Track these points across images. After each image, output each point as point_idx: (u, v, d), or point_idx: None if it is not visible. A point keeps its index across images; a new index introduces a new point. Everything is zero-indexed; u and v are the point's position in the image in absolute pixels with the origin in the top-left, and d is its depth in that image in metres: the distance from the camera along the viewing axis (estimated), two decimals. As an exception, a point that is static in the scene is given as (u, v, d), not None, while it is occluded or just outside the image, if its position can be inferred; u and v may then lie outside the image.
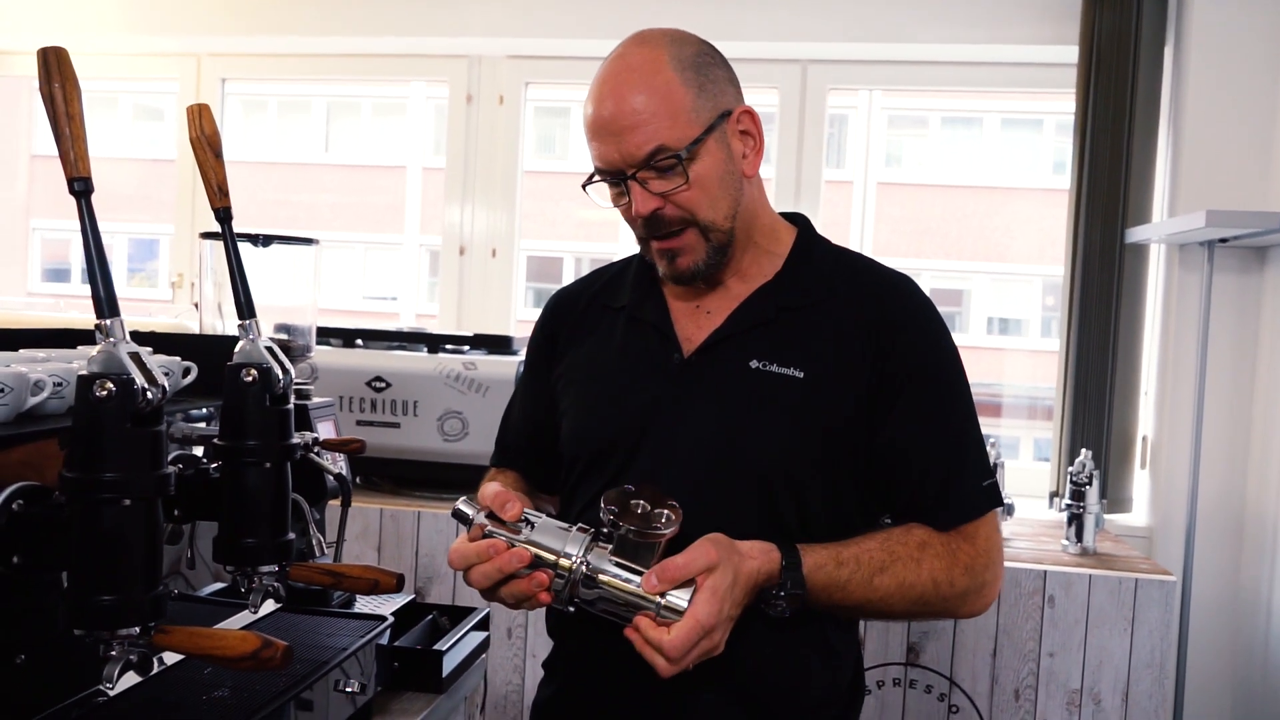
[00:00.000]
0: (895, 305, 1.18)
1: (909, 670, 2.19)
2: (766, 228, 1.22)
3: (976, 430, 1.18)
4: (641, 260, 1.27)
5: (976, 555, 1.13)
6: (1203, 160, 2.59)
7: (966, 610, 1.15)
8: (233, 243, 1.07)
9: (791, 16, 2.82)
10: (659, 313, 1.22)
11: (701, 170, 1.12)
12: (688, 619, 0.99)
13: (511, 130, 3.10)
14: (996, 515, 1.18)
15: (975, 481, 1.15)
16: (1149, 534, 2.64)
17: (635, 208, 1.13)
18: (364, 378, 2.39)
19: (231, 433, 1.06)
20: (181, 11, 3.14)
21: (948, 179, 5.88)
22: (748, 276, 1.21)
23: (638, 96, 1.11)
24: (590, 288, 1.30)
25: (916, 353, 1.16)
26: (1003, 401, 3.55)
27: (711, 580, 1.00)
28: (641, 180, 1.12)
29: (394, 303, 6.03)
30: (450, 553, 1.09)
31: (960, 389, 1.18)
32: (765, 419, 1.12)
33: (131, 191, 4.48)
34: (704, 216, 1.14)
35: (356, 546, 2.34)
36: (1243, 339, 2.59)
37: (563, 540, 1.03)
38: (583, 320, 1.27)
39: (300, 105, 7.21)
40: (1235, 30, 2.56)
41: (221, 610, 1.26)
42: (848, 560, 1.08)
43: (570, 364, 1.26)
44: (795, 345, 1.15)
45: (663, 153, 1.10)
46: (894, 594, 1.10)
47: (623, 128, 1.11)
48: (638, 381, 1.19)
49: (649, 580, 1.00)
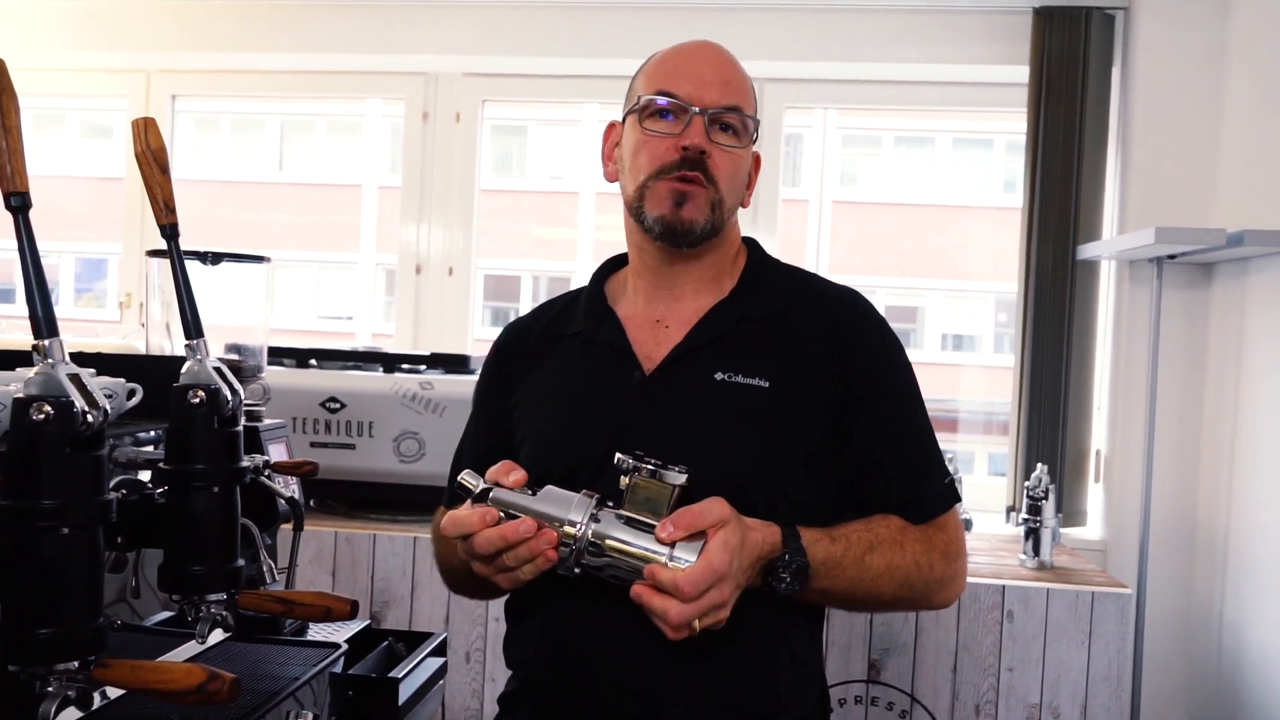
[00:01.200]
0: (850, 318, 1.22)
1: (870, 688, 2.19)
2: (733, 252, 1.27)
3: (932, 431, 1.24)
4: (593, 287, 1.28)
5: (950, 541, 1.18)
6: (1151, 178, 2.64)
7: (941, 599, 1.18)
8: (179, 260, 1.04)
9: (747, 35, 2.84)
10: (615, 333, 1.22)
11: (744, 154, 1.21)
12: (701, 562, 0.99)
13: (468, 148, 3.08)
14: (957, 510, 1.23)
15: (939, 478, 1.21)
16: (1104, 547, 2.67)
17: (690, 138, 1.16)
18: (318, 398, 2.35)
19: (178, 456, 1.02)
20: (130, 27, 3.08)
21: (902, 198, 5.95)
22: (706, 291, 1.22)
23: (731, 68, 1.21)
24: (541, 319, 1.30)
25: (876, 364, 1.20)
26: (959, 417, 3.59)
27: (723, 533, 1.01)
28: (707, 124, 1.16)
29: (350, 322, 5.96)
30: (446, 519, 1.06)
31: (917, 394, 1.23)
32: (736, 430, 1.13)
33: (80, 210, 4.38)
34: (724, 188, 1.18)
35: (310, 571, 2.29)
36: (1191, 354, 2.64)
37: (567, 506, 1.02)
38: (536, 351, 1.27)
39: (254, 123, 7.13)
40: (1181, 51, 2.62)
41: (169, 640, 1.22)
42: (839, 538, 1.11)
43: (526, 393, 1.24)
44: (757, 356, 1.17)
45: (741, 112, 1.18)
46: (883, 574, 1.12)
47: (712, 79, 1.18)
48: (599, 402, 1.18)
49: (664, 528, 1.00)
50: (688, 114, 1.16)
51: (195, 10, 3.04)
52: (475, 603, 2.24)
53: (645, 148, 1.19)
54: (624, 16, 2.89)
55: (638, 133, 1.20)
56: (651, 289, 1.24)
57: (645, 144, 1.19)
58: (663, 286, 1.23)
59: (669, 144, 1.17)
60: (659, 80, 1.19)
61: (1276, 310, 2.30)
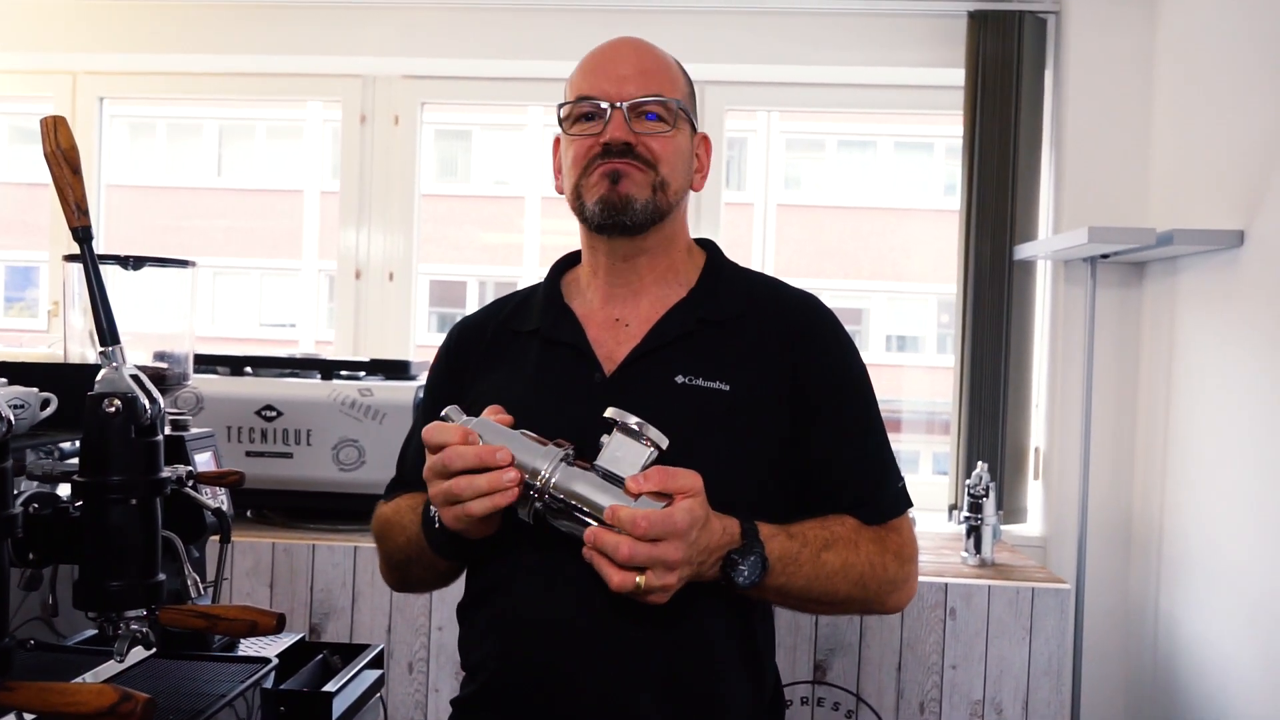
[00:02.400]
0: (808, 322, 1.23)
1: (816, 688, 2.19)
2: (685, 245, 1.27)
3: (886, 436, 1.25)
4: (549, 283, 1.27)
5: (904, 544, 1.19)
6: (1084, 179, 2.69)
7: (892, 602, 1.19)
8: (93, 264, 1.00)
9: (687, 37, 2.84)
10: (574, 333, 1.21)
11: (677, 139, 1.20)
12: (663, 510, 0.98)
13: (408, 151, 3.04)
14: (910, 515, 1.24)
15: (894, 485, 1.22)
16: (1044, 544, 2.71)
17: (609, 133, 1.16)
18: (254, 406, 2.29)
19: (93, 467, 0.98)
20: (54, 27, 2.99)
21: (845, 201, 6.01)
22: (664, 284, 1.23)
23: (649, 58, 1.21)
24: (496, 315, 1.29)
25: (834, 368, 1.21)
26: (902, 417, 3.62)
27: (690, 501, 1.00)
28: (626, 116, 1.17)
29: (293, 329, 5.86)
30: (428, 426, 1.05)
31: (872, 399, 1.24)
32: (696, 433, 1.12)
33: (9, 216, 4.25)
34: (664, 170, 1.18)
35: (247, 583, 2.23)
36: (1125, 351, 2.69)
37: (538, 450, 1.02)
38: (491, 349, 1.25)
39: (191, 128, 6.99)
40: (1111, 53, 2.67)
41: (90, 660, 1.18)
42: (796, 534, 1.11)
43: (481, 393, 1.21)
44: (717, 359, 1.17)
45: (658, 98, 1.18)
46: (838, 572, 1.12)
47: (628, 73, 1.19)
48: (558, 403, 1.17)
49: (634, 481, 0.99)
50: (606, 112, 1.17)
51: (122, 10, 2.96)
52: (418, 611, 2.21)
53: (572, 151, 1.20)
54: (562, 19, 2.87)
55: (566, 140, 1.22)
56: (608, 288, 1.23)
57: (572, 147, 1.20)
58: (619, 284, 1.22)
59: (591, 142, 1.18)
60: (576, 85, 1.21)
61: (1205, 308, 2.35)
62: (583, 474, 1.02)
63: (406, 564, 1.23)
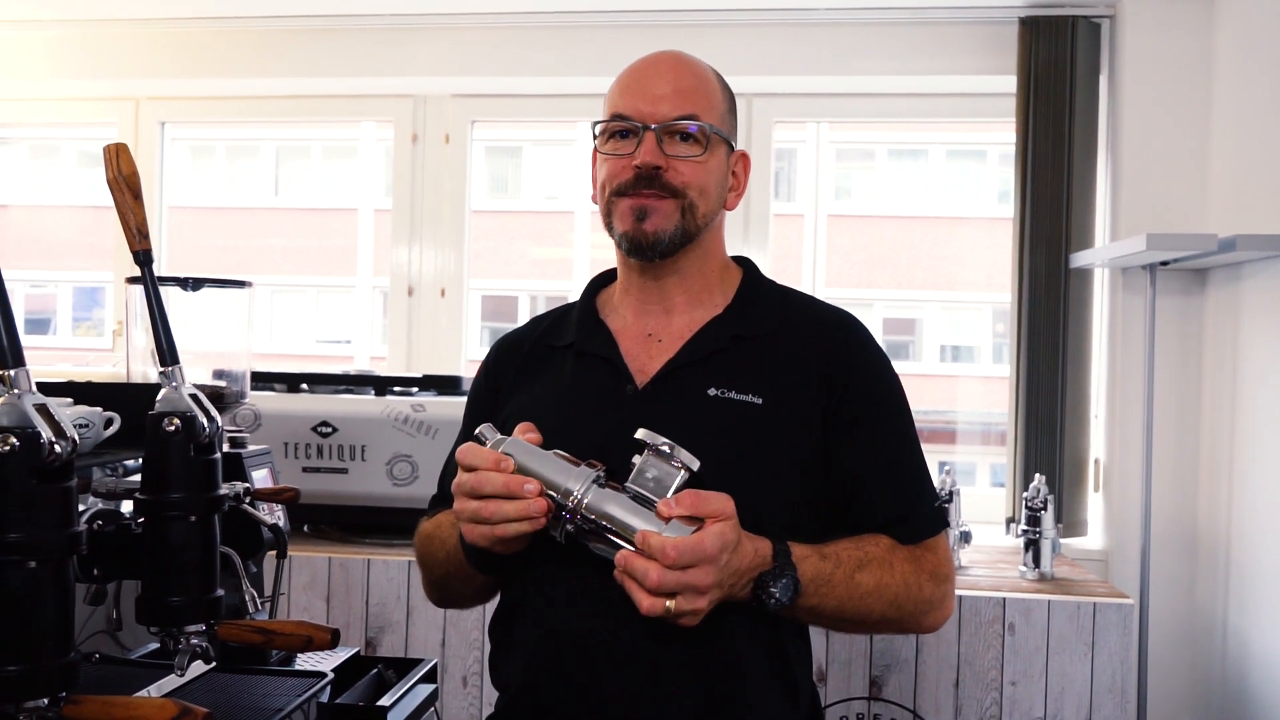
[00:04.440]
0: (842, 339, 1.22)
1: (872, 705, 2.16)
2: (720, 263, 1.27)
3: (923, 455, 1.24)
4: (585, 299, 1.29)
5: (939, 564, 1.17)
6: (1142, 185, 2.63)
7: (929, 622, 1.18)
8: (153, 285, 1.03)
9: (735, 50, 2.84)
10: (607, 346, 1.22)
11: (710, 160, 1.20)
12: (694, 536, 0.98)
13: (458, 169, 3.07)
14: (946, 535, 1.23)
15: (930, 504, 1.21)
16: (1105, 557, 2.65)
17: (641, 156, 1.17)
18: (309, 423, 2.33)
19: (154, 485, 1.01)
20: (117, 55, 3.09)
21: (896, 210, 5.95)
22: (699, 304, 1.23)
23: (687, 76, 1.21)
24: (533, 333, 1.31)
25: (867, 385, 1.20)
26: (957, 429, 3.56)
27: (722, 525, 1.00)
28: (659, 137, 1.17)
29: (348, 346, 5.95)
30: (463, 447, 1.06)
31: (907, 416, 1.23)
32: (728, 446, 1.13)
33: (75, 239, 4.38)
34: (694, 195, 1.19)
35: (304, 597, 2.27)
36: (1187, 360, 2.62)
37: (571, 472, 1.03)
38: (527, 364, 1.27)
39: (249, 150, 7.15)
40: (1168, 56, 2.62)
41: (152, 673, 1.20)
42: (830, 555, 1.10)
43: (517, 406, 1.23)
44: (751, 373, 1.17)
45: (693, 121, 1.18)
46: (872, 593, 1.11)
47: (664, 92, 1.18)
48: (590, 414, 1.18)
49: (665, 504, 1.00)
50: (639, 132, 1.18)
51: (181, 37, 3.05)
52: (472, 625, 2.22)
53: (605, 169, 1.22)
54: (610, 34, 2.89)
55: (600, 156, 1.23)
56: (641, 304, 1.24)
57: (605, 165, 1.22)
58: (652, 301, 1.24)
59: (624, 164, 1.19)
60: (613, 102, 1.22)
61: (1271, 314, 2.29)
62: (614, 496, 1.02)
63: (446, 579, 1.25)
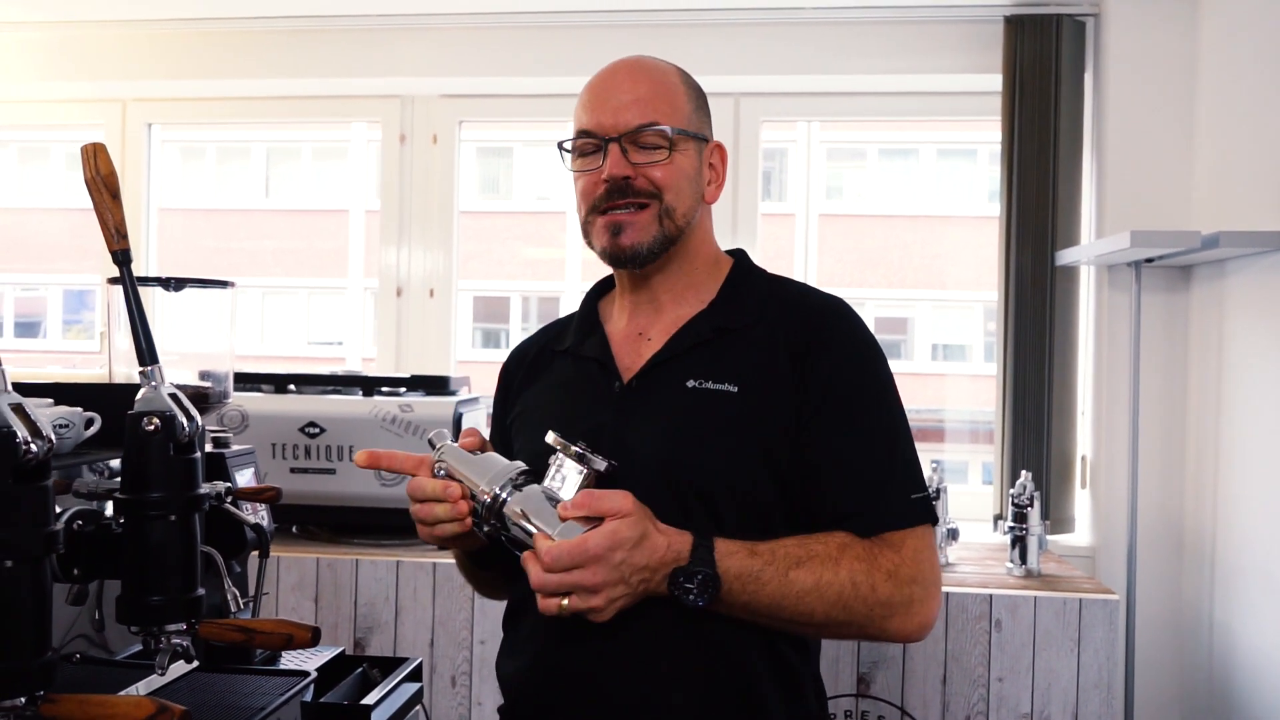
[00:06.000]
0: (820, 324, 1.21)
1: (860, 701, 2.17)
2: (709, 257, 1.28)
3: (907, 447, 1.19)
4: (584, 306, 1.34)
5: (901, 563, 1.11)
6: (1126, 182, 2.64)
7: (895, 627, 1.11)
8: (131, 286, 1.03)
9: (722, 50, 2.85)
10: (600, 347, 1.26)
11: (680, 160, 1.21)
12: (576, 540, 1.01)
13: (447, 169, 3.07)
14: (931, 534, 1.16)
15: (902, 493, 1.15)
16: (1092, 553, 2.66)
17: (608, 169, 1.18)
18: (297, 423, 2.33)
19: (133, 485, 1.01)
20: (103, 57, 3.08)
21: (887, 209, 5.96)
22: (685, 301, 1.25)
23: (645, 83, 1.21)
24: (541, 339, 1.37)
25: (839, 369, 1.18)
26: (946, 427, 3.58)
27: (615, 524, 1.03)
28: (623, 148, 1.18)
29: (339, 347, 5.95)
30: (404, 456, 1.14)
31: (888, 404, 1.20)
32: (703, 434, 1.15)
33: (64, 242, 4.37)
34: (669, 198, 1.20)
35: (293, 598, 2.27)
36: (1173, 356, 2.63)
37: (491, 473, 1.07)
38: (533, 368, 1.33)
39: (239, 152, 7.14)
40: (1152, 55, 2.63)
41: (133, 673, 1.20)
42: (762, 552, 1.09)
43: (521, 408, 1.30)
44: (730, 363, 1.19)
45: (654, 127, 1.19)
46: (810, 591, 1.08)
47: (624, 102, 1.19)
48: (581, 411, 1.22)
49: (564, 506, 1.04)
50: (603, 146, 1.20)
51: (169, 39, 3.04)
52: (460, 625, 2.22)
53: (578, 187, 1.24)
54: (597, 34, 2.89)
55: (574, 175, 1.25)
56: (632, 305, 1.28)
57: (578, 183, 1.24)
58: (641, 300, 1.27)
59: (594, 179, 1.21)
60: (577, 118, 1.24)
61: (1254, 310, 2.30)
62: (527, 498, 1.06)
63: (463, 571, 1.35)
